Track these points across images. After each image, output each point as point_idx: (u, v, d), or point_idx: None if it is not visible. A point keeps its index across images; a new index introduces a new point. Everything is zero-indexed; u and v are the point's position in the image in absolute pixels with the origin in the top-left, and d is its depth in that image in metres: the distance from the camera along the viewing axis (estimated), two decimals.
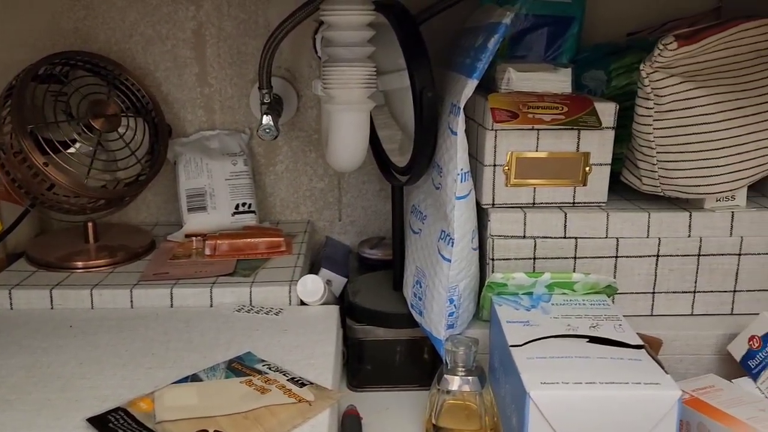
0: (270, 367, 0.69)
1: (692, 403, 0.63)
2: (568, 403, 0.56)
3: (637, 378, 0.58)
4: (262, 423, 0.59)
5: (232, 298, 0.84)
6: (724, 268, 0.80)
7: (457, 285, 0.74)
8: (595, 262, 0.79)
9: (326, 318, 0.81)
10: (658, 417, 0.56)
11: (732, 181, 0.76)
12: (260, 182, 1.07)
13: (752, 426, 0.59)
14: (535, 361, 0.61)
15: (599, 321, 0.68)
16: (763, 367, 0.72)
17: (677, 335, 0.78)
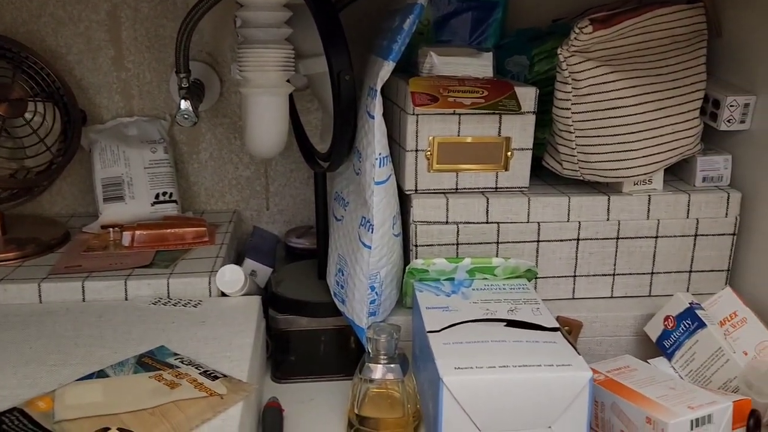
0: (183, 360, 0.66)
1: (606, 384, 0.64)
2: (481, 388, 0.56)
3: (550, 360, 0.58)
4: (168, 419, 0.57)
5: (149, 291, 0.80)
6: (642, 251, 0.81)
7: (378, 272, 0.73)
8: (518, 246, 0.80)
9: (247, 309, 0.78)
10: (570, 398, 0.56)
11: (648, 165, 0.77)
12: (183, 171, 1.03)
13: (662, 404, 0.60)
14: (451, 346, 0.61)
15: (518, 305, 0.68)
16: (677, 346, 0.73)
17: (597, 317, 0.79)
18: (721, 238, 0.81)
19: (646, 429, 0.59)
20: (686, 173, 0.84)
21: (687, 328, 0.72)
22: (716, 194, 0.80)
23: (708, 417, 0.59)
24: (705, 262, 0.82)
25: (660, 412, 0.58)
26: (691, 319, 0.72)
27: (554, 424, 0.57)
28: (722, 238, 0.82)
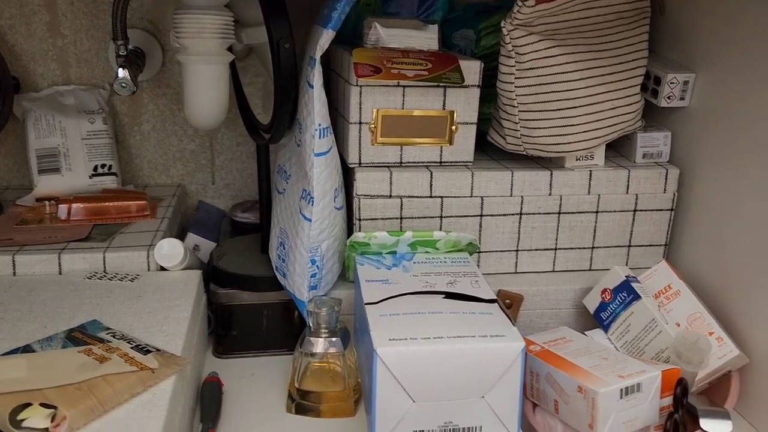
0: (114, 335, 0.64)
1: (542, 355, 0.65)
2: (415, 359, 0.56)
3: (484, 331, 0.58)
4: (95, 393, 0.55)
5: (84, 265, 0.78)
6: (583, 226, 0.82)
7: (319, 245, 0.72)
8: (461, 221, 0.80)
9: (186, 283, 0.77)
10: (503, 368, 0.57)
11: (589, 140, 0.78)
12: (124, 143, 1.00)
13: (594, 374, 0.61)
14: (387, 318, 0.60)
15: (457, 278, 0.68)
16: (613, 318, 0.75)
17: (538, 290, 0.80)
18: (659, 214, 0.83)
19: (578, 398, 0.60)
20: (627, 149, 0.85)
21: (623, 301, 0.74)
22: (655, 170, 0.82)
23: (637, 386, 0.60)
24: (643, 237, 0.84)
25: (591, 382, 0.59)
26: (626, 292, 0.74)
27: (487, 394, 0.57)
28: (660, 214, 0.83)
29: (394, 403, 0.56)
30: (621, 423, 0.60)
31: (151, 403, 0.56)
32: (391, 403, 0.57)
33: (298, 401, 0.72)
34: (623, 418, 0.60)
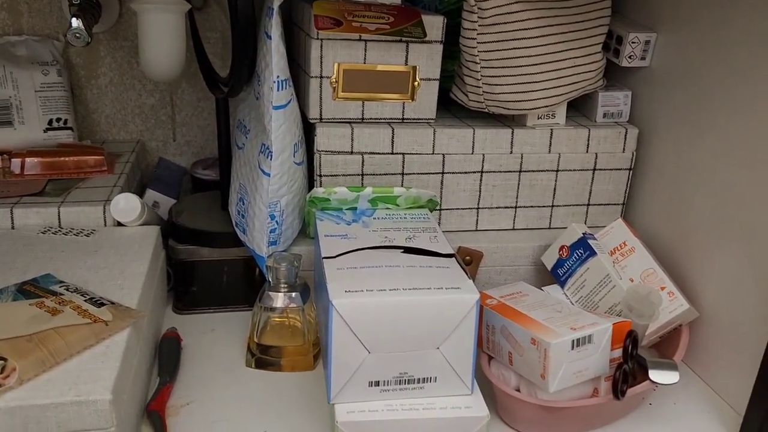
0: (68, 288, 0.63)
1: (498, 308, 0.66)
2: (370, 311, 0.56)
3: (440, 284, 0.59)
4: (46, 345, 0.54)
5: (38, 220, 0.76)
6: (543, 184, 0.83)
7: (278, 201, 0.72)
8: (422, 178, 0.80)
9: (143, 239, 0.75)
10: (457, 320, 0.57)
11: (550, 97, 0.78)
12: (81, 97, 0.97)
13: (547, 326, 0.62)
14: (345, 271, 0.60)
15: (416, 233, 0.68)
16: (569, 274, 0.76)
17: (498, 247, 0.81)
18: (617, 173, 0.84)
19: (531, 350, 0.61)
20: (588, 109, 0.86)
21: (579, 257, 0.75)
22: (614, 129, 0.82)
23: (588, 337, 0.61)
24: (602, 196, 0.85)
25: (544, 333, 0.61)
26: (583, 248, 0.75)
27: (442, 345, 0.58)
28: (619, 173, 0.84)
29: (350, 354, 0.57)
30: (572, 373, 0.61)
31: (104, 354, 0.56)
32: (347, 355, 0.57)
33: (257, 356, 0.73)
34: (574, 369, 0.61)
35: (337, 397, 0.58)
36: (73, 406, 0.51)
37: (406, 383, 0.59)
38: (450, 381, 0.59)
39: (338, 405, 0.58)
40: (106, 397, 0.51)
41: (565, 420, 0.64)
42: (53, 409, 0.50)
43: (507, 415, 0.66)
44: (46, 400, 0.50)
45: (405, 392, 0.59)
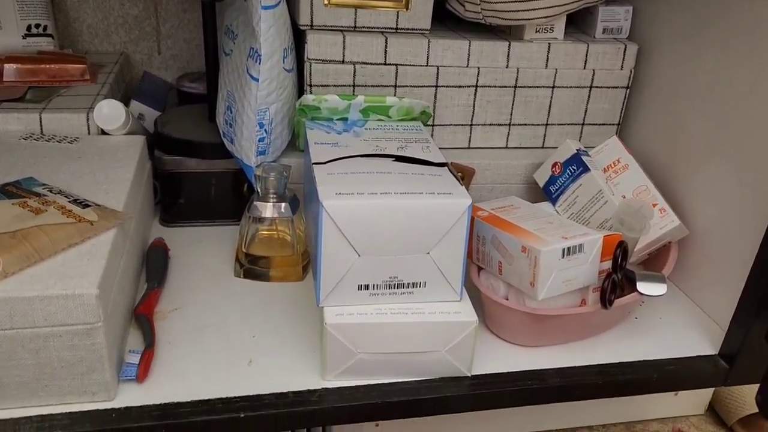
0: (51, 190, 0.62)
1: (489, 219, 0.65)
2: (361, 213, 0.55)
3: (432, 189, 0.58)
4: (31, 242, 0.53)
5: (19, 126, 0.74)
6: (538, 101, 0.81)
7: (267, 108, 0.70)
8: (416, 91, 0.78)
9: (128, 147, 0.73)
10: (448, 225, 0.57)
11: (550, 8, 0.75)
12: (61, 5, 0.93)
13: (538, 235, 0.62)
14: (335, 176, 0.59)
15: (409, 143, 0.67)
16: (561, 191, 0.76)
17: (490, 164, 0.80)
18: (614, 91, 0.83)
19: (521, 258, 0.61)
20: (588, 24, 0.83)
21: (572, 173, 0.74)
22: (613, 45, 0.80)
23: (579, 246, 0.61)
24: (597, 115, 0.84)
25: (534, 241, 0.60)
26: (576, 165, 0.74)
27: (432, 250, 0.58)
28: (616, 91, 0.83)
29: (340, 257, 0.56)
30: (561, 282, 0.61)
31: (90, 253, 0.55)
32: (336, 258, 0.56)
33: (246, 266, 0.72)
34: (564, 277, 0.61)
35: (326, 300, 0.58)
36: (60, 299, 0.50)
37: (395, 288, 0.59)
38: (439, 287, 0.59)
39: (327, 308, 0.58)
40: (92, 291, 0.50)
41: (551, 329, 0.65)
42: (39, 302, 0.50)
43: (495, 324, 0.66)
44: (31, 292, 0.49)
45: (394, 297, 0.59)
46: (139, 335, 0.62)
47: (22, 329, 0.50)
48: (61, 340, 0.51)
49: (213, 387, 0.57)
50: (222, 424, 0.55)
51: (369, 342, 0.58)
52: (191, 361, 0.60)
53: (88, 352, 0.52)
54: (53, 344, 0.51)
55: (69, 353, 0.52)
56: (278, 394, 0.57)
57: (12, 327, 0.50)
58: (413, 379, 0.60)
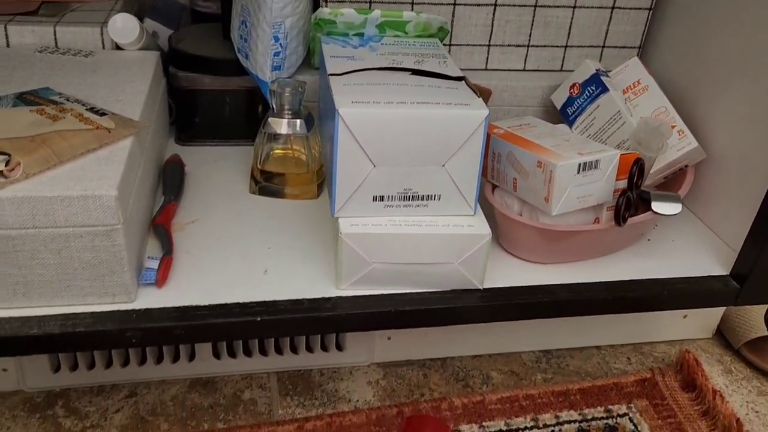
0: (68, 99, 0.62)
1: (505, 136, 0.65)
2: (377, 121, 0.55)
3: (449, 100, 0.57)
4: (50, 146, 0.54)
5: (33, 39, 0.74)
6: (559, 22, 0.79)
7: (282, 21, 0.69)
8: (433, 8, 0.76)
9: (143, 62, 0.73)
10: (465, 136, 0.57)
11: None
12: None
13: (554, 150, 0.61)
14: (351, 86, 0.59)
15: (425, 58, 0.66)
16: (579, 112, 0.75)
17: (507, 86, 0.79)
18: (637, 13, 0.80)
19: (536, 173, 0.61)
20: None
21: (591, 94, 0.73)
22: None
23: (595, 162, 0.61)
24: (618, 38, 0.82)
25: (550, 156, 0.60)
26: (595, 85, 0.73)
27: (448, 162, 0.58)
28: (638, 13, 0.80)
29: (355, 167, 0.57)
30: (576, 198, 0.61)
31: (108, 158, 0.55)
32: (351, 168, 0.57)
33: (261, 183, 0.73)
34: (578, 193, 0.61)
35: (341, 210, 0.59)
36: (80, 200, 0.51)
37: (410, 200, 0.59)
38: (453, 200, 0.59)
39: (342, 219, 0.59)
40: (111, 193, 0.51)
41: (564, 246, 0.65)
42: (60, 203, 0.51)
43: (508, 241, 0.67)
44: (52, 193, 0.50)
45: (408, 209, 0.59)
46: (157, 245, 0.63)
47: (44, 228, 0.51)
48: (82, 241, 0.52)
49: (230, 293, 0.58)
50: (239, 327, 0.56)
51: (383, 252, 0.58)
52: (208, 270, 0.61)
53: (108, 253, 0.53)
54: (74, 245, 0.52)
55: (90, 254, 0.53)
56: (294, 300, 0.59)
57: (34, 226, 0.51)
58: (425, 290, 0.61)
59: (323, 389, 0.68)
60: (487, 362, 0.73)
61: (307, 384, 0.68)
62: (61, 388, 0.65)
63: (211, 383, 0.67)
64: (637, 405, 0.69)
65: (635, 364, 0.75)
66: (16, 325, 0.53)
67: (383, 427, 0.64)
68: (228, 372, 0.68)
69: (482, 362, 0.73)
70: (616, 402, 0.69)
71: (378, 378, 0.70)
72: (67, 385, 0.65)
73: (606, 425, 0.66)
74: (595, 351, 0.76)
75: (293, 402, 0.66)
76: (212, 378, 0.68)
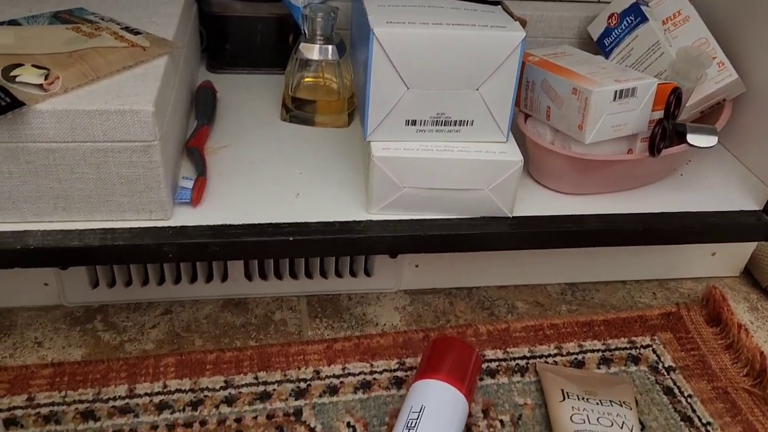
0: (103, 18, 0.62)
1: (539, 64, 0.64)
2: (412, 42, 0.54)
3: (485, 22, 0.56)
4: (87, 61, 0.54)
5: None
6: None
7: None
8: None
9: None
10: (501, 59, 0.56)
11: None
12: None
13: (591, 78, 0.60)
14: (386, 7, 0.58)
15: None
16: (616, 43, 0.73)
17: (542, 16, 0.77)
18: None
19: (571, 100, 0.60)
20: None
21: (629, 24, 0.71)
22: None
23: (632, 90, 0.60)
24: None
25: (586, 83, 0.59)
26: (634, 15, 0.71)
27: (482, 86, 0.57)
28: None
29: (389, 89, 0.56)
30: (610, 126, 0.61)
31: (143, 75, 0.56)
32: (385, 90, 0.56)
33: (293, 111, 0.73)
34: (613, 122, 0.61)
35: (373, 134, 0.59)
36: (118, 115, 0.51)
37: (442, 125, 0.59)
38: (486, 126, 0.59)
39: (374, 142, 0.59)
40: (149, 108, 0.52)
41: (595, 177, 0.65)
42: (98, 116, 0.51)
43: (539, 171, 0.66)
44: (91, 107, 0.51)
45: (441, 134, 0.59)
46: (190, 167, 0.64)
47: (83, 143, 0.52)
48: (120, 157, 0.53)
49: (263, 214, 0.59)
50: (272, 246, 0.57)
51: (414, 177, 0.59)
52: (241, 192, 0.62)
53: (145, 169, 0.54)
54: (113, 160, 0.54)
55: (128, 170, 0.54)
56: (325, 222, 0.59)
57: (74, 140, 0.52)
58: (455, 217, 0.61)
59: (351, 313, 0.69)
60: (513, 293, 0.74)
61: (335, 307, 0.70)
62: (99, 304, 0.67)
63: (243, 304, 0.69)
64: (661, 337, 0.70)
65: (660, 299, 0.75)
66: (58, 237, 0.55)
67: (410, 350, 0.65)
68: (259, 294, 0.70)
69: (508, 292, 0.74)
70: (639, 334, 0.70)
71: (405, 304, 0.71)
72: (105, 301, 0.67)
73: (629, 355, 0.67)
74: (620, 285, 0.77)
75: (322, 324, 0.68)
76: (244, 299, 0.69)
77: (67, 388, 0.58)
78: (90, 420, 0.56)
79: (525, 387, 0.63)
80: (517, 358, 0.66)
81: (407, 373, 0.63)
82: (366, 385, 0.61)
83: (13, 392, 0.58)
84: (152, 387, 0.59)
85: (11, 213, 0.55)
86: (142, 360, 0.61)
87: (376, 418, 0.59)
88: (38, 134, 0.51)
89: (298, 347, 0.64)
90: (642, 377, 0.65)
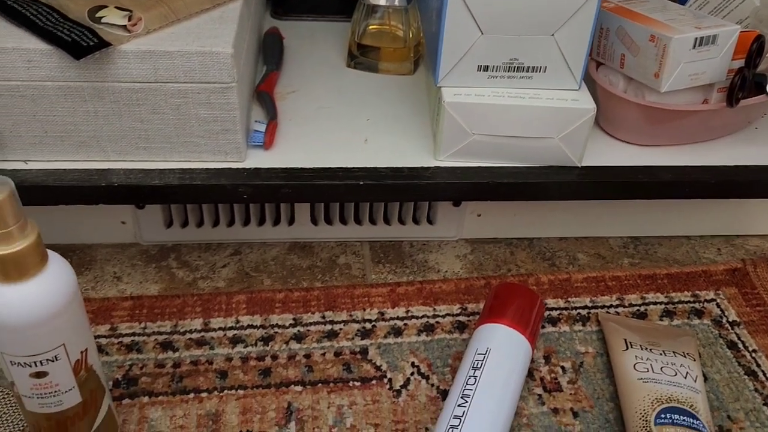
0: None
1: (615, 10, 0.62)
2: None
3: None
4: (167, 3, 0.56)
5: None
6: None
7: None
8: None
9: None
10: (579, 2, 0.55)
11: None
12: None
13: (669, 24, 0.59)
14: None
15: None
16: None
17: None
18: None
19: (648, 48, 0.59)
20: None
21: None
22: None
23: (713, 37, 0.58)
24: None
25: (665, 29, 0.58)
26: None
27: (558, 32, 0.56)
28: None
29: (462, 34, 0.56)
30: (688, 75, 0.59)
31: (221, 18, 0.57)
32: (459, 35, 0.56)
33: (358, 57, 0.73)
34: (691, 70, 0.59)
35: (444, 79, 0.59)
36: (198, 56, 0.53)
37: (515, 71, 0.58)
38: (559, 73, 0.58)
39: (445, 88, 0.59)
40: (228, 50, 0.53)
41: (668, 128, 0.63)
42: (180, 57, 0.53)
43: (610, 121, 0.65)
44: (173, 48, 0.52)
45: (512, 80, 0.59)
46: (261, 112, 0.65)
47: (165, 83, 0.54)
48: (199, 98, 0.55)
49: (333, 158, 0.60)
50: (342, 189, 0.59)
51: (484, 123, 0.59)
52: (311, 136, 0.63)
53: (222, 111, 0.56)
54: (192, 101, 0.55)
55: (206, 111, 0.56)
56: (394, 168, 0.60)
57: (156, 80, 0.54)
58: (523, 165, 0.61)
59: (413, 259, 0.71)
60: (574, 245, 0.74)
61: (398, 253, 0.71)
62: (172, 243, 0.70)
63: (309, 247, 0.71)
64: (726, 293, 0.69)
65: (725, 255, 0.74)
66: (140, 176, 0.57)
67: (471, 296, 0.66)
68: (324, 238, 0.71)
69: (569, 244, 0.74)
70: (703, 288, 0.69)
71: (466, 252, 0.72)
72: (178, 240, 0.70)
73: (692, 308, 0.67)
74: (684, 240, 0.76)
75: (385, 269, 0.69)
76: (309, 243, 0.71)
77: (147, 320, 0.62)
78: (169, 350, 0.59)
79: (586, 336, 0.64)
80: (579, 308, 0.66)
81: (470, 318, 0.64)
82: (429, 328, 0.63)
83: (98, 322, 0.61)
84: (225, 322, 0.62)
85: (96, 151, 0.57)
86: (215, 296, 0.64)
87: (439, 360, 0.60)
88: (123, 74, 0.53)
89: (362, 290, 0.66)
90: (705, 331, 0.65)
